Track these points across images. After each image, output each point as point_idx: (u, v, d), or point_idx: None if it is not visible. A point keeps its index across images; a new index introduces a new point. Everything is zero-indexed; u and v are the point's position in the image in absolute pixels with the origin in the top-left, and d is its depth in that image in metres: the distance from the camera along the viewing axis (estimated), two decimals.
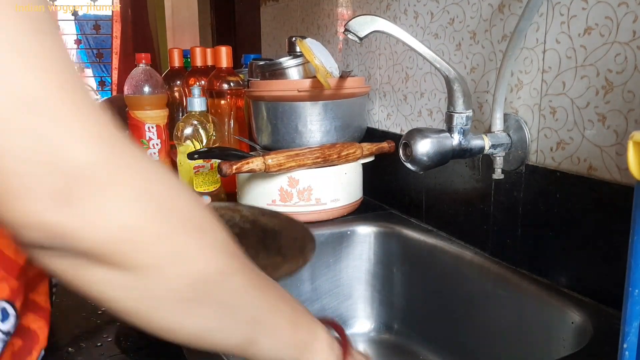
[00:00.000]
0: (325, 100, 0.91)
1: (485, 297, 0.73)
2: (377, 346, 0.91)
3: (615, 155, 0.58)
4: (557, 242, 0.65)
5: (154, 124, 1.24)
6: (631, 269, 0.32)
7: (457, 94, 0.66)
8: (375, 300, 0.92)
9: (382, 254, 0.90)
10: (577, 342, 0.58)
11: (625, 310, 0.33)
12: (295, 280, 0.87)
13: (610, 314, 0.58)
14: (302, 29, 1.33)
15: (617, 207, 0.58)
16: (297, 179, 0.88)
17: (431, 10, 0.85)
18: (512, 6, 0.70)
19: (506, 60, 0.67)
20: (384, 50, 0.99)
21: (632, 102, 0.56)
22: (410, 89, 0.93)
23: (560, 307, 0.62)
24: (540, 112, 0.67)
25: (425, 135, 0.65)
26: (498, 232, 0.74)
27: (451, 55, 0.82)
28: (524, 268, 0.70)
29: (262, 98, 0.95)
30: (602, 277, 0.60)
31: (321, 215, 0.90)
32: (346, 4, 1.12)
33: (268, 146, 0.96)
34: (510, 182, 0.71)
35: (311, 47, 0.91)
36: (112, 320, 0.59)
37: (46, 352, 0.48)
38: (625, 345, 0.34)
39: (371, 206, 1.00)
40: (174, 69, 1.45)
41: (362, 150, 0.92)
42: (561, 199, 0.64)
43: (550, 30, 0.64)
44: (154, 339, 0.33)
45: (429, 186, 0.88)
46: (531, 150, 0.69)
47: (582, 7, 0.60)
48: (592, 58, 0.60)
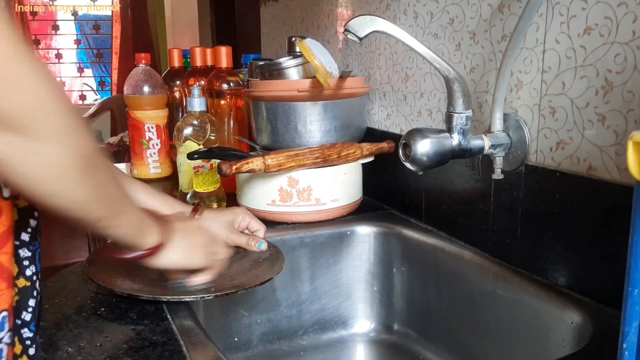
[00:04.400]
0: (325, 100, 0.91)
1: (485, 297, 0.73)
2: (377, 346, 0.91)
3: (615, 155, 0.58)
4: (557, 242, 0.65)
5: (154, 124, 1.24)
6: (631, 269, 0.32)
7: (456, 94, 0.66)
8: (375, 300, 0.92)
9: (382, 254, 0.90)
10: (577, 342, 0.58)
11: (625, 310, 0.33)
12: (295, 280, 0.87)
13: (610, 314, 0.58)
14: (302, 29, 1.33)
15: (617, 207, 0.58)
16: (297, 179, 0.88)
17: (431, 10, 0.85)
18: (511, 6, 0.70)
19: (506, 60, 0.67)
20: (383, 50, 0.99)
21: (632, 102, 0.56)
22: (410, 89, 0.93)
23: (560, 307, 0.62)
24: (539, 112, 0.67)
25: (425, 136, 0.65)
26: (498, 232, 0.74)
27: (451, 55, 0.82)
28: (523, 268, 0.70)
29: (261, 98, 0.95)
30: (602, 277, 0.60)
31: (321, 216, 0.90)
32: (346, 4, 1.12)
33: (268, 146, 0.96)
34: (510, 182, 0.71)
35: (311, 47, 0.91)
36: (112, 320, 0.59)
37: (12, 321, 0.46)
38: (624, 345, 0.34)
39: (371, 206, 1.00)
40: (173, 69, 1.45)
41: (361, 150, 0.92)
42: (561, 199, 0.64)
43: (550, 30, 0.64)
44: (154, 339, 0.33)
45: (429, 186, 0.89)
46: (531, 150, 0.69)
47: (582, 7, 0.60)
48: (592, 58, 0.60)
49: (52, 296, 0.64)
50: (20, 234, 0.48)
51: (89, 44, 4.24)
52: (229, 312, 0.83)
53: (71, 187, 0.42)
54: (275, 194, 0.88)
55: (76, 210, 0.45)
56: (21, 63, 0.37)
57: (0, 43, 0.35)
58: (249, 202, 0.92)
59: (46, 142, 0.39)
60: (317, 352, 0.89)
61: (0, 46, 0.35)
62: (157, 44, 4.12)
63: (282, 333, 0.88)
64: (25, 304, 0.49)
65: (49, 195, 0.42)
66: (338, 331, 0.92)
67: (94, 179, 0.44)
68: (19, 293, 0.48)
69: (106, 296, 0.64)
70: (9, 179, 0.40)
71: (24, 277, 0.48)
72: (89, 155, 0.42)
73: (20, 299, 0.48)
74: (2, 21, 0.35)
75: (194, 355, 0.52)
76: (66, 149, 0.40)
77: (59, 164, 0.40)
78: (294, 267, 0.87)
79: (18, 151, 0.38)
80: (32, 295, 0.49)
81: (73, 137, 0.41)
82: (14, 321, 0.47)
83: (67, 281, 0.68)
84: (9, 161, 0.38)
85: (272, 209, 0.89)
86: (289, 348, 0.88)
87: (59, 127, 0.39)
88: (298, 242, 0.87)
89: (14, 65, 0.36)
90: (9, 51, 0.36)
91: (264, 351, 0.87)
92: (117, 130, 3.37)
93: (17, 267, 0.48)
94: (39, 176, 0.40)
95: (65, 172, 0.41)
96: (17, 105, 0.36)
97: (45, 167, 0.40)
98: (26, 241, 0.48)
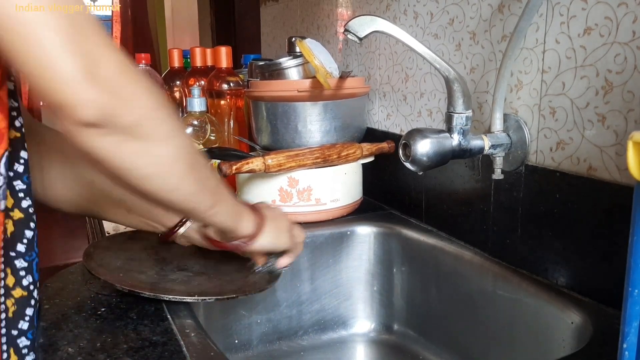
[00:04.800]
0: (325, 101, 0.91)
1: (484, 297, 0.73)
2: (377, 346, 0.91)
3: (615, 155, 0.58)
4: (557, 242, 0.65)
5: None
6: (631, 269, 0.32)
7: (456, 94, 0.66)
8: (375, 300, 0.92)
9: (382, 254, 0.90)
10: (577, 342, 0.58)
11: (625, 310, 0.33)
12: (295, 280, 0.87)
13: (610, 314, 0.58)
14: (302, 29, 1.33)
15: (617, 207, 0.58)
16: (297, 179, 0.88)
17: (431, 10, 0.85)
18: (511, 6, 0.70)
19: (506, 60, 0.67)
20: (383, 50, 0.99)
21: (632, 102, 0.56)
22: (410, 89, 0.93)
23: (560, 307, 0.62)
24: (540, 113, 0.67)
25: (425, 136, 0.65)
26: (498, 232, 0.74)
27: (451, 55, 0.82)
28: (523, 268, 0.70)
29: (261, 98, 0.95)
30: (602, 277, 0.60)
31: (321, 216, 0.90)
32: (346, 4, 1.12)
33: (268, 146, 0.96)
34: (510, 182, 0.71)
35: (311, 48, 0.91)
36: (112, 320, 0.59)
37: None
38: (625, 345, 0.34)
39: (371, 206, 1.00)
40: (173, 69, 1.45)
41: (362, 150, 0.92)
42: (561, 199, 0.64)
43: (550, 30, 0.64)
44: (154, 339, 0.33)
45: (429, 186, 0.89)
46: (531, 151, 0.69)
47: (582, 7, 0.60)
48: (592, 58, 0.60)
49: (52, 296, 0.64)
50: (16, 245, 0.48)
51: None
52: (229, 312, 0.83)
53: (185, 181, 0.49)
54: (275, 194, 0.88)
55: (190, 201, 0.51)
56: (135, 80, 0.42)
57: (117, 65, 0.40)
58: (248, 202, 0.92)
59: (162, 144, 0.45)
60: (317, 352, 0.89)
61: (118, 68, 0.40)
62: (157, 44, 4.12)
63: (282, 333, 0.88)
64: (23, 313, 0.49)
65: (169, 190, 0.48)
66: (338, 331, 0.92)
67: (200, 173, 0.50)
68: (15, 303, 0.48)
69: (106, 296, 0.64)
70: (133, 182, 0.45)
71: (20, 287, 0.49)
72: (192, 152, 0.49)
73: (18, 309, 0.48)
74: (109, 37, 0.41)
75: (194, 355, 0.52)
76: (176, 149, 0.46)
77: (174, 161, 0.46)
78: (294, 267, 0.86)
79: (141, 155, 0.44)
80: (29, 304, 0.49)
81: (179, 138, 0.47)
82: (8, 333, 0.47)
83: (67, 281, 0.68)
84: (134, 166, 0.44)
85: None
86: (289, 348, 0.88)
87: (168, 131, 0.45)
88: None
89: (131, 83, 0.42)
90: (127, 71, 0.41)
91: (264, 351, 0.87)
92: None
93: (13, 278, 0.48)
94: (159, 174, 0.46)
95: (179, 168, 0.47)
96: (138, 117, 0.42)
97: (163, 165, 0.46)
98: (22, 252, 0.48)
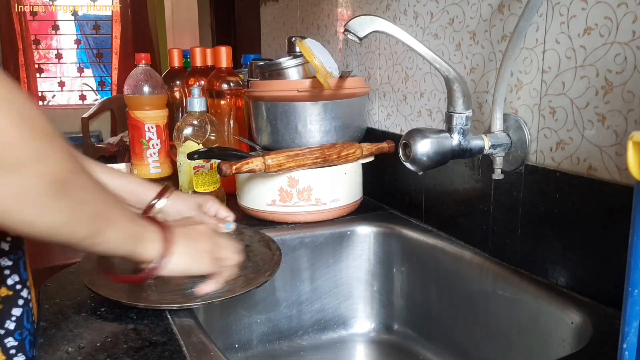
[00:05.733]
0: (325, 101, 0.91)
1: (485, 297, 0.73)
2: (377, 346, 0.91)
3: (615, 155, 0.58)
4: (557, 242, 0.65)
5: (154, 124, 1.24)
6: (631, 269, 0.32)
7: (456, 94, 0.66)
8: (375, 300, 0.92)
9: (382, 254, 0.90)
10: (577, 342, 0.58)
11: (625, 310, 0.33)
12: (295, 280, 0.87)
13: (610, 314, 0.58)
14: (302, 29, 1.33)
15: (617, 207, 0.58)
16: (297, 179, 0.88)
17: (431, 10, 0.85)
18: (511, 6, 0.70)
19: (506, 60, 0.67)
20: (383, 50, 0.99)
21: (632, 102, 0.56)
22: (410, 89, 0.93)
23: (560, 307, 0.62)
24: (539, 112, 0.67)
25: (425, 136, 0.65)
26: (498, 232, 0.74)
27: (451, 55, 0.82)
28: (523, 268, 0.70)
29: (261, 98, 0.95)
30: (602, 277, 0.60)
31: (321, 216, 0.90)
32: (346, 4, 1.12)
33: (268, 146, 0.96)
34: (510, 182, 0.71)
35: (311, 47, 0.91)
36: (112, 320, 0.59)
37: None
38: (625, 345, 0.34)
39: (371, 206, 1.00)
40: (173, 69, 1.45)
41: (362, 150, 0.92)
42: (561, 199, 0.64)
43: (550, 30, 0.64)
44: (154, 339, 0.33)
45: (429, 186, 0.89)
46: (531, 151, 0.69)
47: (582, 7, 0.60)
48: (592, 58, 0.60)
49: (52, 296, 0.64)
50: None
51: (89, 44, 4.24)
52: (229, 312, 0.83)
53: (46, 213, 0.41)
54: (275, 194, 0.89)
55: (57, 234, 0.44)
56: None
57: None
58: (249, 202, 0.92)
59: (14, 174, 0.37)
60: (317, 352, 0.89)
61: None
62: (157, 44, 4.12)
63: (282, 333, 0.88)
64: (8, 313, 0.48)
65: (24, 224, 0.41)
66: (338, 331, 0.92)
67: (72, 200, 0.43)
68: (1, 302, 0.47)
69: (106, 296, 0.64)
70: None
71: (5, 286, 0.48)
72: (63, 178, 0.41)
73: (3, 309, 0.48)
74: None
75: (194, 355, 0.52)
76: (36, 178, 0.39)
77: (30, 193, 0.39)
78: (294, 267, 0.87)
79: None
80: (15, 304, 0.49)
81: (43, 163, 0.39)
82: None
83: (67, 281, 0.68)
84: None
85: (272, 209, 0.89)
86: (289, 348, 0.88)
87: (25, 156, 0.38)
88: (298, 242, 0.87)
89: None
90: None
91: (264, 351, 0.87)
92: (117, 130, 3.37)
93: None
94: (10, 207, 0.39)
95: (37, 200, 0.40)
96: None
97: (15, 198, 0.38)
98: (6, 250, 0.48)
